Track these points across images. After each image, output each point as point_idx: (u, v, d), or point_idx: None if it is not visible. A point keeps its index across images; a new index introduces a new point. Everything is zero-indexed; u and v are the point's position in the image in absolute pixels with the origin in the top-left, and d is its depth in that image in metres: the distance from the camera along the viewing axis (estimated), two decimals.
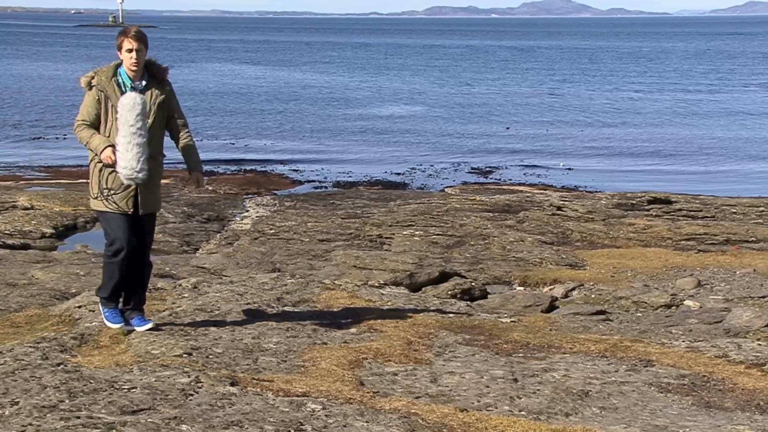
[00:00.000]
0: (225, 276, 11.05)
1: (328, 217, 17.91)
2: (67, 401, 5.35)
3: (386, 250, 14.56)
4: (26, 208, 17.87)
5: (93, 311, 7.85)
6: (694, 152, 33.91)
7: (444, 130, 39.46)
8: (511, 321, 8.46)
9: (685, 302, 10.98)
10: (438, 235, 15.70)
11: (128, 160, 6.67)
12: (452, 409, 5.66)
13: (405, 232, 15.88)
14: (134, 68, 6.84)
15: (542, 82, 66.02)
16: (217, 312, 7.87)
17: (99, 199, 6.87)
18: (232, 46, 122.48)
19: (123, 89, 6.81)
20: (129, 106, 6.64)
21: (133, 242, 6.89)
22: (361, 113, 45.15)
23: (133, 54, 6.82)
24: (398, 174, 27.69)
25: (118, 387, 5.67)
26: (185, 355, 6.48)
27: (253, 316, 7.75)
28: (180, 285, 9.10)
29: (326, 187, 24.50)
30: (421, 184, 25.85)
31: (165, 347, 6.66)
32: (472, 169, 29.15)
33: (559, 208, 18.16)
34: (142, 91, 6.83)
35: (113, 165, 6.73)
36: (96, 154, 6.82)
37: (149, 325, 7.11)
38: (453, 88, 60.13)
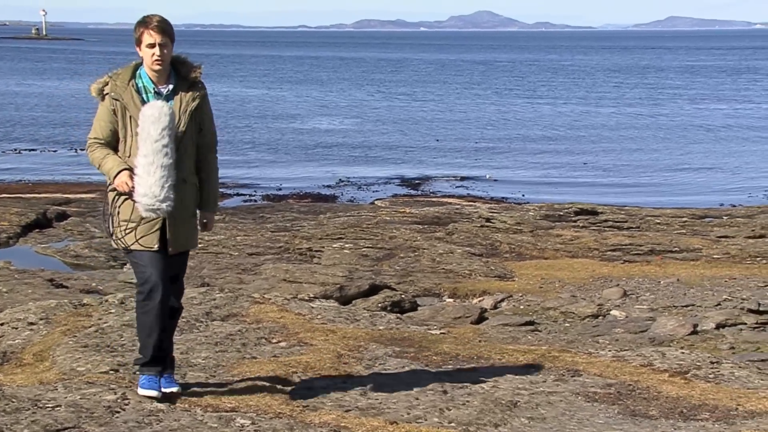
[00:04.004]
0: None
1: (258, 230, 17.82)
2: None
3: (316, 264, 14.53)
4: None
5: (16, 328, 7.70)
6: (620, 165, 34.43)
7: (373, 142, 39.55)
8: (441, 333, 8.50)
9: (611, 312, 11.13)
10: (368, 247, 15.71)
11: (149, 186, 5.38)
12: (382, 422, 5.67)
13: (335, 245, 15.86)
14: (158, 67, 5.51)
15: (471, 94, 66.54)
16: None
17: (115, 236, 5.63)
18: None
19: (144, 96, 5.53)
20: (153, 118, 5.37)
21: (168, 280, 5.64)
22: (289, 126, 45.03)
23: (156, 50, 5.47)
24: (328, 187, 27.66)
25: (41, 405, 5.57)
26: (112, 372, 6.38)
27: (181, 330, 7.67)
28: (107, 300, 8.96)
29: (255, 201, 24.36)
30: (350, 196, 25.85)
31: (91, 364, 6.55)
32: (402, 181, 29.24)
33: (487, 220, 18.30)
34: (169, 98, 5.54)
35: (129, 193, 5.48)
36: (109, 180, 5.57)
37: (174, 389, 5.87)
38: (382, 101, 60.31)
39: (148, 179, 5.38)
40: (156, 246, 5.54)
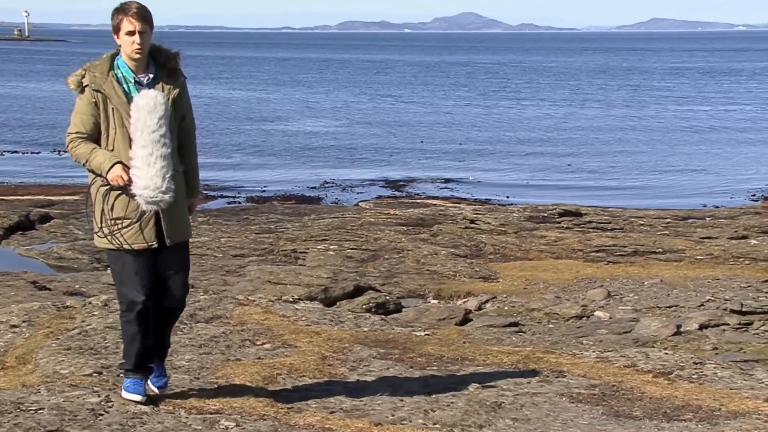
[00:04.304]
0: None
1: (242, 232, 17.79)
2: None
3: (300, 265, 14.51)
4: None
5: None
6: (605, 166, 34.53)
7: (358, 144, 39.55)
8: (425, 334, 8.50)
9: (595, 313, 11.17)
10: (352, 249, 15.71)
11: (150, 178, 5.22)
12: (367, 424, 5.67)
13: (319, 247, 15.85)
14: (137, 56, 5.32)
15: (455, 96, 66.62)
16: None
17: (104, 235, 5.40)
18: None
19: (125, 86, 5.35)
20: (149, 108, 5.21)
21: (151, 289, 5.47)
22: (273, 128, 44.98)
23: (136, 38, 5.29)
24: (312, 189, 27.65)
25: (24, 409, 5.54)
26: (95, 374, 6.36)
27: None
28: (90, 303, 8.93)
29: (240, 202, 24.33)
30: (335, 198, 25.84)
31: (74, 366, 6.52)
32: (386, 183, 29.25)
33: (472, 221, 18.33)
34: (150, 86, 5.38)
35: (124, 187, 5.29)
36: (100, 175, 5.36)
37: (162, 382, 5.80)
38: (367, 103, 60.32)
39: (149, 171, 5.21)
40: (155, 243, 5.38)
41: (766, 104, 60.87)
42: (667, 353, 7.77)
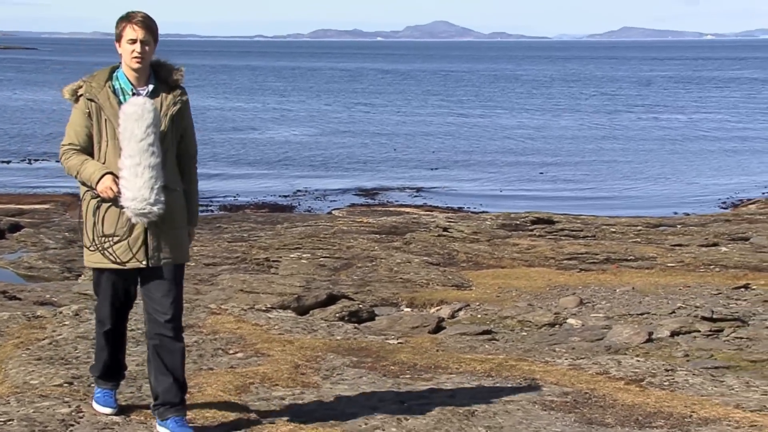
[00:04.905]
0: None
1: (215, 240, 17.73)
2: None
3: (273, 274, 14.48)
4: None
5: None
6: (579, 174, 34.71)
7: (331, 152, 39.55)
8: (399, 342, 8.50)
9: (567, 321, 11.21)
10: (325, 257, 15.69)
11: (138, 189, 4.99)
12: None
13: (292, 255, 15.83)
14: (137, 65, 5.12)
15: (429, 104, 66.76)
16: None
17: (94, 250, 5.18)
18: None
19: (122, 98, 5.13)
20: (136, 115, 4.99)
21: (125, 313, 5.37)
22: (246, 137, 44.90)
23: (137, 46, 5.10)
24: (285, 197, 27.62)
25: None
26: (66, 385, 6.31)
27: (137, 343, 7.60)
28: (61, 312, 8.86)
29: (212, 211, 24.27)
30: (308, 206, 25.83)
31: (44, 377, 6.47)
32: (359, 191, 29.27)
33: (445, 229, 18.36)
34: (149, 98, 5.16)
35: (115, 199, 5.06)
36: (90, 187, 5.13)
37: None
38: (340, 111, 60.33)
39: (136, 181, 4.98)
40: (143, 263, 5.13)
41: (736, 112, 61.42)
42: (638, 360, 7.81)
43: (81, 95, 5.15)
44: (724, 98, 74.43)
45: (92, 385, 5.98)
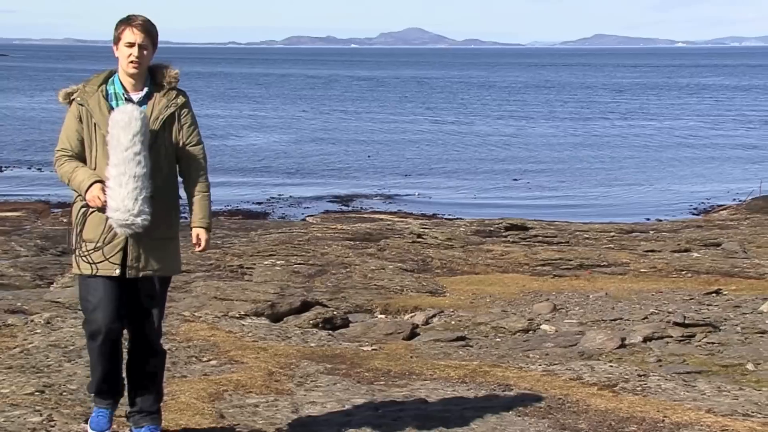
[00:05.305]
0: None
1: (188, 247, 17.62)
2: None
3: (247, 281, 14.43)
4: None
5: None
6: (553, 182, 34.85)
7: (305, 159, 39.52)
8: (373, 349, 8.50)
9: (541, 326, 11.22)
10: (299, 264, 15.65)
11: (121, 200, 4.87)
12: None
13: (266, 262, 15.78)
14: (133, 70, 4.98)
15: (403, 111, 66.82)
16: (71, 348, 7.63)
17: (77, 256, 5.07)
18: (89, 75, 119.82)
19: (114, 102, 5.00)
20: (123, 123, 4.86)
21: (118, 321, 5.13)
22: (222, 144, 44.78)
23: (135, 50, 4.96)
24: (259, 204, 27.57)
25: None
26: (37, 393, 6.27)
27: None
28: (32, 320, 8.80)
29: (185, 218, 24.16)
30: (282, 213, 25.80)
31: (15, 385, 6.42)
32: (333, 198, 29.27)
33: (419, 236, 18.37)
34: (141, 104, 5.03)
35: (103, 209, 4.94)
36: (80, 195, 5.01)
37: None
38: (314, 118, 60.30)
39: (120, 191, 4.85)
40: (116, 270, 5.01)
41: (709, 119, 61.91)
42: (612, 366, 7.84)
43: (74, 99, 5.02)
44: (697, 104, 75.04)
45: (64, 393, 5.95)
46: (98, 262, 5.00)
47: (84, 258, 5.01)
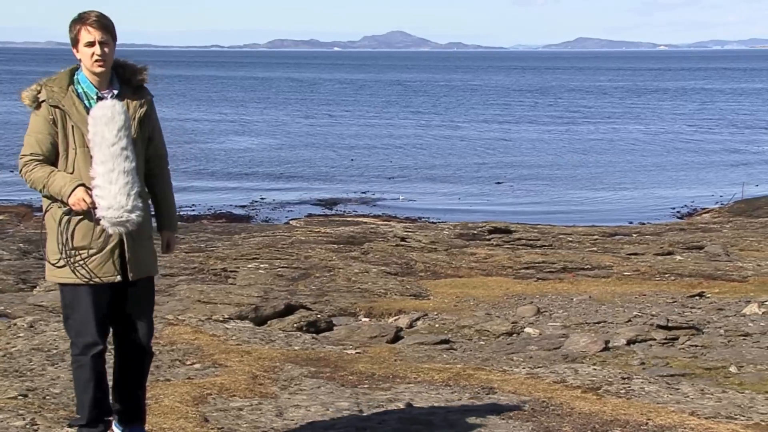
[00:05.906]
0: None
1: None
2: None
3: (231, 284, 14.40)
4: None
5: None
6: (539, 185, 34.90)
7: (288, 162, 39.48)
8: (357, 352, 8.50)
9: (525, 330, 11.25)
10: (283, 267, 15.64)
11: (113, 196, 4.65)
12: None
13: (250, 266, 15.75)
14: (99, 69, 4.78)
15: (387, 114, 66.83)
16: (55, 351, 7.61)
17: (65, 265, 4.77)
18: None
19: (87, 103, 4.78)
20: (106, 119, 4.66)
21: (109, 330, 4.93)
22: (205, 147, 44.69)
23: (97, 48, 4.74)
24: (242, 207, 27.53)
25: None
26: (20, 397, 6.24)
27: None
28: (15, 324, 8.76)
29: None
30: (265, 216, 25.76)
31: None
32: (317, 201, 29.24)
33: (402, 239, 18.38)
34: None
35: (88, 212, 4.70)
36: (59, 201, 4.75)
37: None
38: (298, 121, 60.25)
39: (111, 188, 4.63)
40: (118, 277, 4.80)
41: (691, 122, 62.17)
42: (595, 369, 7.86)
43: (43, 101, 4.75)
44: (680, 108, 75.34)
45: (47, 397, 5.91)
46: (96, 270, 4.78)
47: (79, 267, 4.76)
